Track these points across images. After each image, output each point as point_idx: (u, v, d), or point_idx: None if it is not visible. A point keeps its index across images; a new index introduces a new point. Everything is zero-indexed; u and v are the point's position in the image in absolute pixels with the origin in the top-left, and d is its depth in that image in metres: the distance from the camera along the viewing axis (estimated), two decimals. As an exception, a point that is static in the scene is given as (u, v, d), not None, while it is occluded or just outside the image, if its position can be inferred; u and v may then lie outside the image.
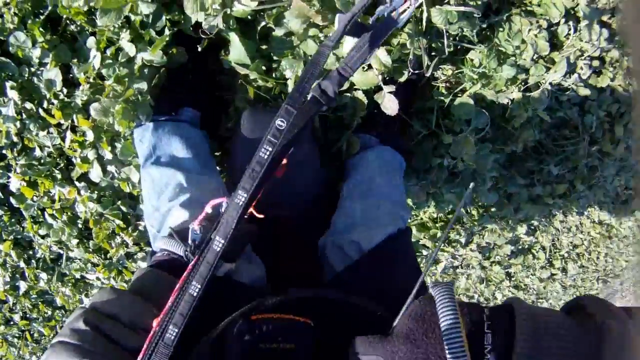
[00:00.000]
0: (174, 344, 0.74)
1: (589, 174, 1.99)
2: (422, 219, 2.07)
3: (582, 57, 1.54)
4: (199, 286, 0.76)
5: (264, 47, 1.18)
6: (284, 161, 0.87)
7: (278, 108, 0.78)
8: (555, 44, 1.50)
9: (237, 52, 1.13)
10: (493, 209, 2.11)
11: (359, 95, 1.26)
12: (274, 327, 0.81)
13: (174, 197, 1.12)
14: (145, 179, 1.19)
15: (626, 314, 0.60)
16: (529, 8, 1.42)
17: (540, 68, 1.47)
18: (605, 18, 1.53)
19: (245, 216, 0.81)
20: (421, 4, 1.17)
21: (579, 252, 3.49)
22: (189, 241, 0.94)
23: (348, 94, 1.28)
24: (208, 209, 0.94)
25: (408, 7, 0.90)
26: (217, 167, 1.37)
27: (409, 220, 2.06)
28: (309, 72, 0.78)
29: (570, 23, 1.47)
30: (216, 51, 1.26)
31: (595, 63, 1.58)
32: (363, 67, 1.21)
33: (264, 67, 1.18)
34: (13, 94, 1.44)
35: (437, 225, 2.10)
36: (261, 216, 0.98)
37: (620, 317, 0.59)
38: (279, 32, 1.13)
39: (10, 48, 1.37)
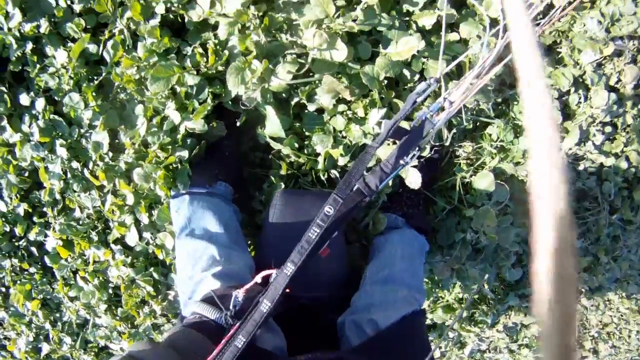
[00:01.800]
0: None
1: (612, 244, 1.98)
2: (447, 300, 2.06)
3: (594, 124, 1.61)
4: (244, 340, 0.84)
5: (296, 124, 1.29)
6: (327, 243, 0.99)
7: (309, 189, 0.89)
8: (567, 113, 1.58)
9: (272, 125, 1.23)
10: (518, 287, 2.08)
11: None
12: None
13: (207, 268, 1.20)
14: (180, 249, 1.27)
15: None
16: None
17: (555, 137, 1.53)
18: (612, 83, 1.61)
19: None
20: (438, 80, 1.27)
21: (609, 331, 3.33)
22: (230, 307, 1.00)
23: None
24: (258, 279, 1.01)
25: (444, 110, 1.01)
26: (247, 240, 1.45)
27: (435, 302, 2.06)
28: (356, 168, 0.92)
29: (580, 91, 1.55)
30: (252, 129, 1.36)
31: (608, 129, 1.65)
32: (387, 143, 1.29)
33: (296, 144, 1.27)
34: (62, 152, 1.56)
35: (462, 306, 2.07)
36: (287, 290, 1.04)
37: None
38: (310, 107, 1.23)
39: (64, 108, 1.51)
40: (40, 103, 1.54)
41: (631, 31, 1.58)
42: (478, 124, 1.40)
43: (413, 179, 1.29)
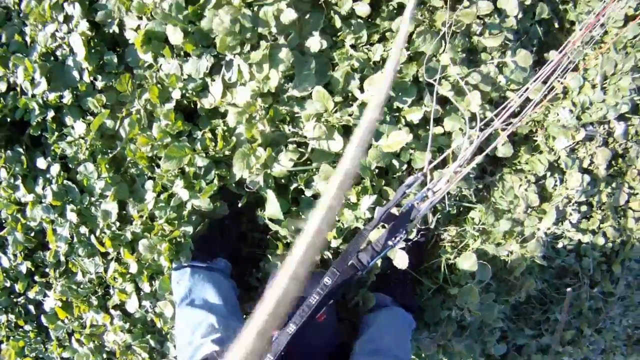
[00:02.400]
0: None
1: (595, 317, 2.04)
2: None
3: (570, 204, 1.73)
4: None
5: (294, 208, 1.39)
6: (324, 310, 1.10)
7: None
8: (544, 195, 1.70)
9: (272, 207, 1.34)
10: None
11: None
12: None
13: (206, 335, 1.28)
14: (180, 317, 1.34)
15: None
16: (518, 167, 1.66)
17: (533, 219, 1.65)
18: (585, 165, 1.75)
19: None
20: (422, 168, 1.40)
21: (599, 404, 3.31)
22: None
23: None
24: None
25: (427, 198, 1.14)
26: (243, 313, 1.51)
27: None
28: (351, 247, 1.07)
29: (556, 175, 1.69)
30: (252, 211, 1.47)
31: (584, 208, 1.77)
32: (377, 228, 1.39)
33: (292, 226, 1.37)
34: (72, 216, 1.64)
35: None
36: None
37: None
38: (308, 193, 1.35)
39: (78, 176, 1.61)
40: (56, 168, 1.64)
41: (601, 117, 1.74)
42: (461, 209, 1.51)
43: (400, 259, 1.39)
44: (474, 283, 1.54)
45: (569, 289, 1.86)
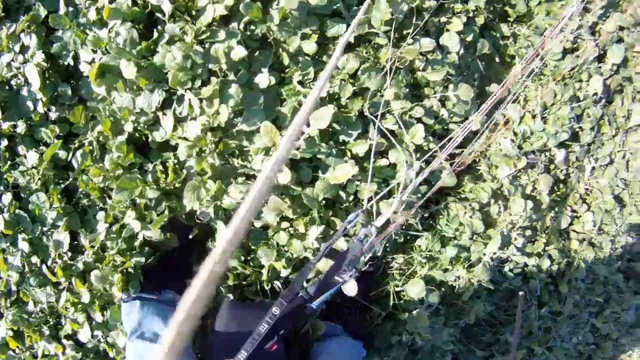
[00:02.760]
0: None
1: (545, 335, 2.11)
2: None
3: (515, 229, 1.81)
4: None
5: (243, 240, 1.43)
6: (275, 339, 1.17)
7: (253, 300, 1.04)
8: (489, 222, 1.77)
9: (222, 238, 1.37)
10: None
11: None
12: None
13: None
14: (130, 350, 1.36)
15: None
16: (462, 195, 1.73)
17: (478, 245, 1.72)
18: (528, 192, 1.84)
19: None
20: (370, 199, 1.46)
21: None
22: None
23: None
24: None
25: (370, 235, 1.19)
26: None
27: None
28: (298, 278, 1.14)
29: (500, 202, 1.76)
30: (202, 242, 1.50)
31: (528, 232, 1.85)
32: (327, 258, 1.44)
33: (242, 257, 1.41)
34: (23, 246, 1.62)
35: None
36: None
37: None
38: (257, 224, 1.38)
39: (30, 205, 1.60)
40: (8, 197, 1.63)
41: (541, 145, 1.84)
42: (408, 237, 1.57)
43: (349, 287, 1.43)
44: (423, 308, 1.60)
45: (520, 298, 1.93)
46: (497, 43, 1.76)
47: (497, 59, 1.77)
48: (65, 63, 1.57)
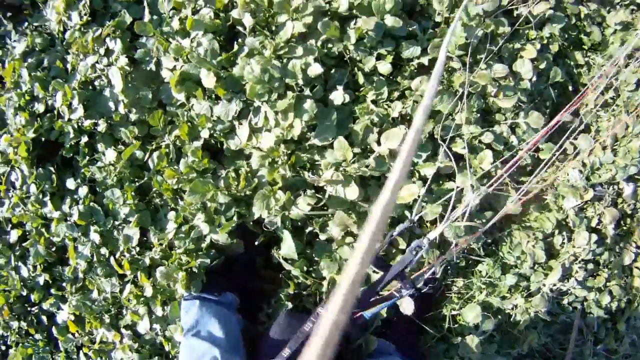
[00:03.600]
0: None
1: (599, 373, 2.05)
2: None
3: (577, 262, 1.76)
4: None
5: (307, 251, 1.46)
6: None
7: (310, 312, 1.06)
8: (552, 252, 1.74)
9: (288, 248, 1.41)
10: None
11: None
12: None
13: None
14: (185, 346, 1.40)
15: None
16: (527, 224, 1.70)
17: (539, 275, 1.69)
18: (593, 224, 1.78)
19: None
20: (434, 222, 1.46)
21: None
22: None
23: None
24: None
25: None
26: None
27: None
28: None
29: (564, 233, 1.72)
30: (266, 249, 1.54)
31: (590, 266, 1.80)
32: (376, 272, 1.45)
33: (305, 267, 1.44)
34: (94, 237, 1.72)
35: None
36: None
37: None
38: (322, 237, 1.41)
39: (104, 200, 1.69)
40: (84, 190, 1.73)
41: (610, 178, 1.79)
42: (469, 261, 1.56)
43: (406, 306, 1.44)
44: (476, 334, 1.58)
45: (574, 330, 1.88)
46: (571, 71, 1.73)
47: (570, 87, 1.74)
48: (148, 68, 1.65)
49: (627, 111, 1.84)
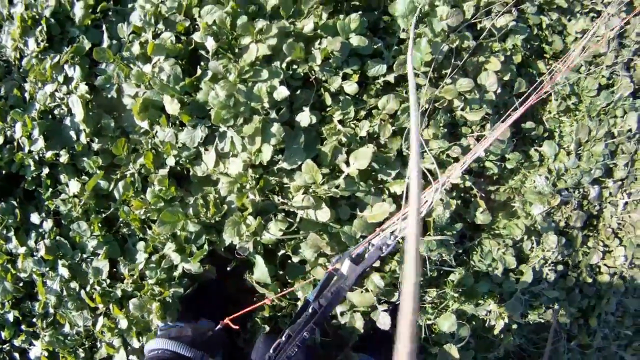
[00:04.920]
0: None
1: (574, 368, 2.10)
2: None
3: (547, 265, 1.80)
4: None
5: (280, 272, 1.45)
6: None
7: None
8: (522, 257, 1.77)
9: (260, 272, 1.39)
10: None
11: (357, 316, 1.47)
12: None
13: None
14: None
15: None
16: (496, 232, 1.74)
17: (510, 280, 1.72)
18: (561, 227, 1.83)
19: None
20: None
21: None
22: None
23: (347, 314, 1.49)
24: None
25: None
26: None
27: None
28: (330, 307, 1.13)
29: (533, 237, 1.76)
30: (239, 273, 1.52)
31: (560, 267, 1.84)
32: (361, 291, 1.45)
33: (279, 289, 1.43)
34: (63, 271, 1.66)
35: None
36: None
37: None
38: (295, 259, 1.40)
39: (71, 233, 1.64)
40: (49, 224, 1.67)
41: (575, 182, 1.84)
42: (442, 272, 1.58)
43: (383, 320, 1.44)
44: (453, 342, 1.60)
45: (550, 332, 1.92)
46: (534, 80, 1.77)
47: (533, 96, 1.77)
48: (109, 95, 1.61)
49: (590, 116, 1.89)
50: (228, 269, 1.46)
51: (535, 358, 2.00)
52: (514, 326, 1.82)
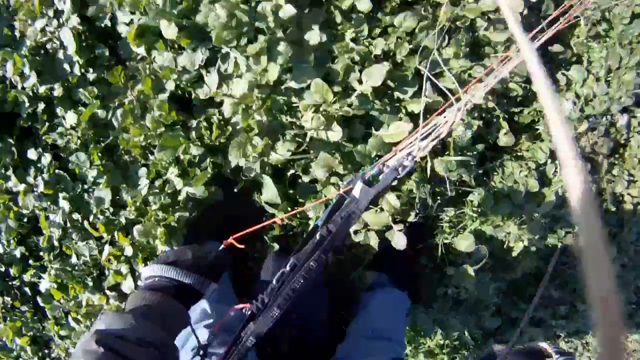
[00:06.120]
0: None
1: (590, 294, 2.08)
2: (429, 346, 2.15)
3: None
4: None
5: (290, 191, 1.38)
6: None
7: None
8: (544, 181, 1.69)
9: (269, 193, 1.33)
10: (497, 334, 2.18)
11: (372, 235, 1.42)
12: None
13: (198, 320, 1.30)
14: None
15: None
16: (519, 154, 1.65)
17: (532, 203, 1.65)
18: (587, 153, 1.74)
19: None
20: (425, 158, 1.39)
21: (586, 372, 3.43)
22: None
23: (362, 233, 1.44)
24: (231, 313, 1.08)
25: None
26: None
27: (417, 348, 2.16)
28: (340, 230, 0.99)
29: (556, 162, 1.68)
30: (248, 193, 1.45)
31: None
32: (376, 210, 1.39)
33: (289, 209, 1.36)
34: (64, 204, 1.63)
35: (443, 351, 2.16)
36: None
37: None
38: (305, 179, 1.33)
39: (70, 165, 1.59)
40: (47, 158, 1.61)
41: (604, 110, 1.73)
42: (460, 191, 1.51)
43: (399, 240, 1.39)
44: (470, 263, 1.56)
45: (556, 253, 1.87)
46: (562, 3, 1.61)
47: (561, 20, 1.62)
48: (102, 25, 1.50)
49: (621, 44, 1.76)
50: (235, 190, 1.39)
51: (552, 279, 1.97)
52: (533, 249, 1.77)
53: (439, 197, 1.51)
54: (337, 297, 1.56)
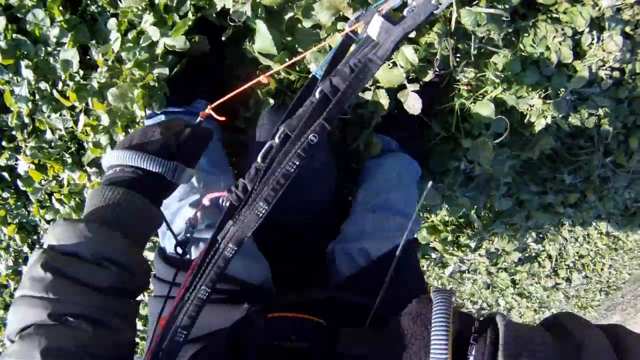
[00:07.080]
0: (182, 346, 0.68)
1: (601, 184, 1.99)
2: (433, 221, 2.06)
3: (604, 68, 1.52)
4: (209, 290, 0.69)
5: (288, 39, 1.15)
6: None
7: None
8: (578, 52, 1.48)
9: (263, 41, 1.11)
10: (504, 216, 2.10)
11: (382, 93, 1.23)
12: (290, 326, 0.81)
13: (184, 197, 1.12)
14: None
15: (602, 332, 0.62)
16: (555, 15, 1.41)
17: (562, 76, 1.46)
18: (628, 29, 1.52)
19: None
20: (451, 4, 1.16)
21: (584, 263, 3.50)
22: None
23: (370, 91, 1.25)
24: (206, 201, 0.86)
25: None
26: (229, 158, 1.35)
27: (420, 223, 2.06)
28: (352, 86, 0.71)
29: (594, 32, 1.46)
30: (238, 42, 1.23)
31: (616, 74, 1.57)
32: (388, 65, 1.19)
33: (287, 59, 1.15)
34: (27, 73, 1.41)
35: (447, 228, 2.09)
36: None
37: (596, 334, 0.61)
38: (306, 24, 1.11)
39: (28, 26, 1.35)
40: (1, 22, 1.36)
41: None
42: (483, 50, 1.29)
43: (413, 103, 1.21)
44: (487, 135, 1.40)
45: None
46: None
47: None
48: None
49: None
50: (223, 38, 1.17)
51: (566, 164, 1.85)
52: (553, 127, 1.61)
53: (459, 55, 1.31)
54: (338, 168, 1.40)
